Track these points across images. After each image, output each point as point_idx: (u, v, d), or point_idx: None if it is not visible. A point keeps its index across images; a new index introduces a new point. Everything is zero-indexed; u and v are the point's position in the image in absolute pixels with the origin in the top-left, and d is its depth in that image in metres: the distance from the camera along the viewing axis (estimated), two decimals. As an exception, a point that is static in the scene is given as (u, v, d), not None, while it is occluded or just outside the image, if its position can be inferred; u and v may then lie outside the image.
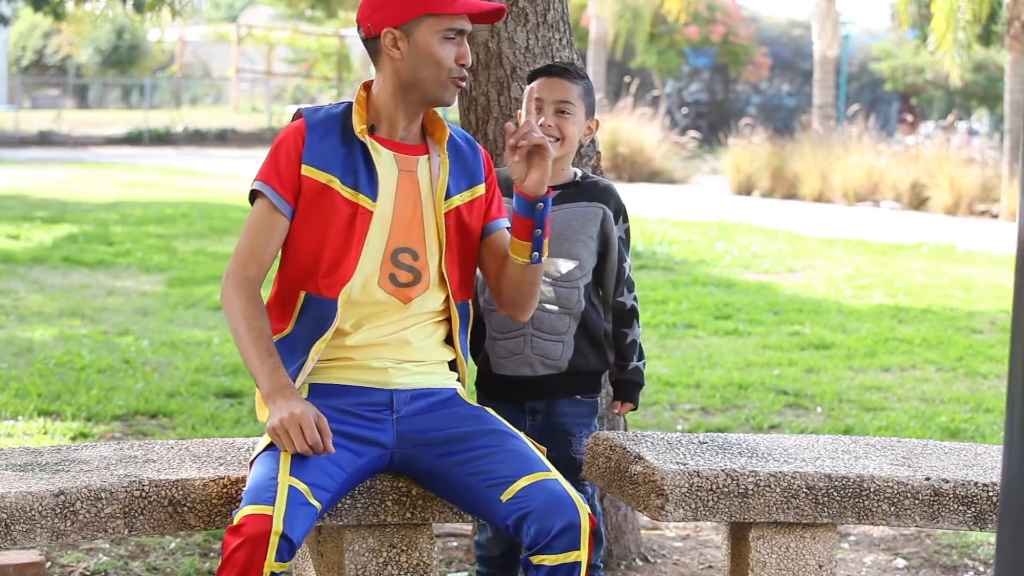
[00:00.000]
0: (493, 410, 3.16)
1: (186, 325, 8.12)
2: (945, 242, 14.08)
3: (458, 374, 3.14)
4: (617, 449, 3.28)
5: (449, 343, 3.12)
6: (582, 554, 2.81)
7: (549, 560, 2.80)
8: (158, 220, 13.96)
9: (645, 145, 22.80)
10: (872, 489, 3.21)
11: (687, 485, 3.11)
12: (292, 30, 41.52)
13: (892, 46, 33.61)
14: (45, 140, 30.18)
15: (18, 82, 40.20)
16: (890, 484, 3.21)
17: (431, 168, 3.08)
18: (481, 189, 3.14)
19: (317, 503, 2.79)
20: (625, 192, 3.72)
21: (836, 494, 3.19)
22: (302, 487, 2.77)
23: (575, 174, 3.58)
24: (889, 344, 8.16)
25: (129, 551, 4.26)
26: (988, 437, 5.97)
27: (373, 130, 3.06)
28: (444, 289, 3.08)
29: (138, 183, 18.93)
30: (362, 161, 3.02)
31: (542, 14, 4.12)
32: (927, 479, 3.23)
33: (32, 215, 13.88)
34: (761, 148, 21.49)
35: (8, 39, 44.19)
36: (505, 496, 2.86)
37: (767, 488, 3.15)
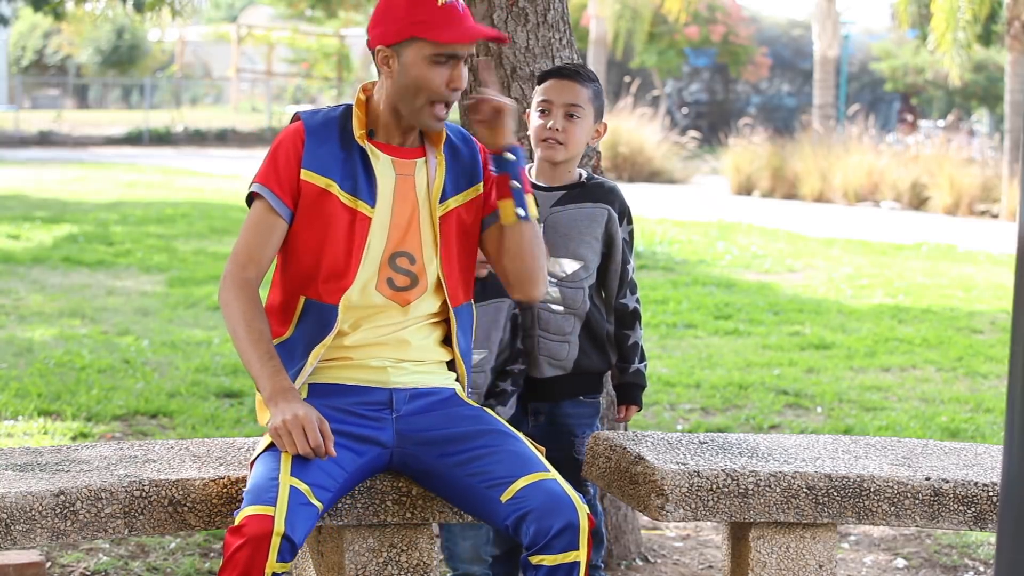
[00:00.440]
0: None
1: (186, 325, 8.13)
2: (945, 242, 14.08)
3: (457, 374, 3.14)
4: (617, 449, 3.28)
5: (447, 344, 3.12)
6: (581, 554, 2.81)
7: (548, 560, 2.80)
8: (158, 220, 13.96)
9: (645, 145, 22.79)
10: (872, 489, 3.21)
11: (687, 485, 3.11)
12: (292, 30, 41.51)
13: (892, 46, 33.58)
14: (45, 140, 30.16)
15: (18, 82, 40.17)
16: (890, 484, 3.21)
17: (428, 171, 3.07)
18: (481, 187, 3.14)
19: (318, 503, 2.79)
20: (625, 192, 3.72)
21: (836, 494, 3.19)
22: (303, 487, 2.77)
23: (580, 175, 3.57)
24: (889, 344, 8.16)
25: (129, 551, 4.26)
26: (988, 437, 5.97)
27: (372, 135, 3.06)
28: (442, 293, 3.08)
29: (138, 183, 18.93)
30: (361, 166, 3.02)
31: (542, 14, 4.12)
32: (927, 479, 3.23)
33: (32, 215, 13.88)
34: (761, 148, 21.48)
35: (8, 39, 44.18)
36: (504, 496, 2.86)
37: (767, 488, 3.15)
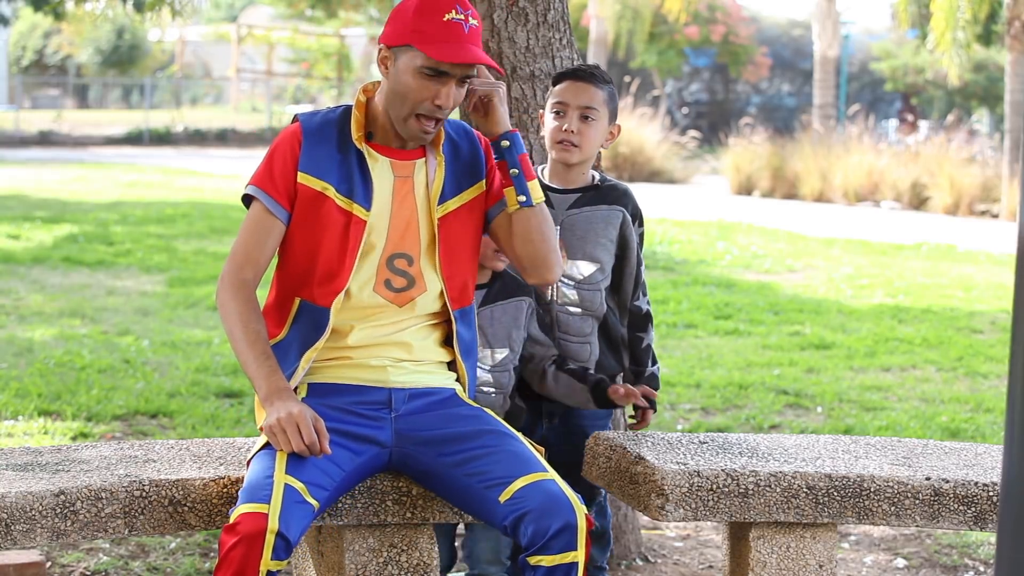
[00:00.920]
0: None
1: (186, 325, 8.13)
2: (945, 242, 14.08)
3: (457, 375, 3.14)
4: (617, 449, 3.28)
5: (448, 344, 3.12)
6: (579, 554, 2.81)
7: (546, 560, 2.80)
8: (158, 220, 13.96)
9: (645, 145, 22.79)
10: (872, 489, 3.21)
11: (687, 485, 3.11)
12: (292, 30, 41.51)
13: (892, 46, 33.59)
14: (45, 140, 30.16)
15: (18, 82, 40.18)
16: (890, 484, 3.21)
17: (427, 172, 3.07)
18: (483, 184, 3.13)
19: (314, 501, 2.79)
20: (628, 192, 3.72)
21: (836, 494, 3.19)
22: (298, 485, 2.77)
23: (593, 177, 3.56)
24: (889, 344, 8.16)
25: (129, 551, 4.26)
26: (988, 437, 5.97)
27: (370, 137, 3.06)
28: (441, 295, 3.07)
29: (138, 183, 18.93)
30: (357, 169, 3.02)
31: (542, 14, 4.13)
32: (927, 479, 3.23)
33: (32, 215, 13.88)
34: (761, 148, 21.48)
35: (8, 39, 44.18)
36: (503, 496, 2.86)
37: (767, 488, 3.15)
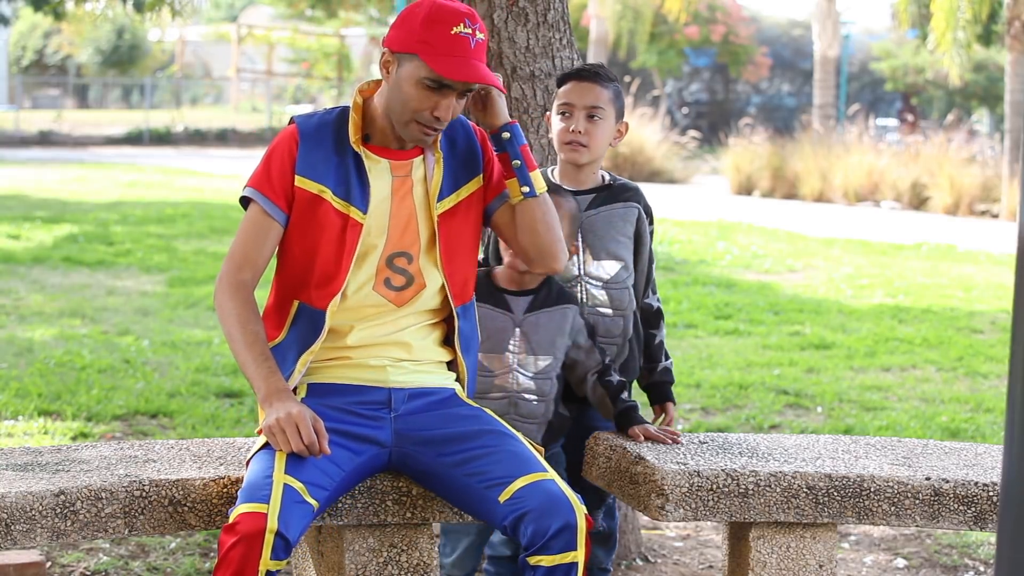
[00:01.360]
0: None
1: (186, 325, 8.13)
2: (945, 242, 14.09)
3: (457, 374, 3.14)
4: (617, 449, 3.28)
5: (448, 344, 3.12)
6: (579, 554, 2.81)
7: (546, 560, 2.80)
8: (158, 220, 13.96)
9: (645, 145, 22.79)
10: (872, 489, 3.21)
11: (687, 485, 3.11)
12: (292, 30, 41.53)
13: (892, 46, 33.62)
14: (45, 140, 30.17)
15: (18, 82, 40.19)
16: (890, 484, 3.21)
17: (425, 169, 3.06)
18: (481, 179, 3.12)
19: (314, 501, 2.79)
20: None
21: (836, 494, 3.19)
22: (297, 485, 2.77)
23: (603, 177, 3.56)
24: (889, 344, 8.16)
25: (129, 551, 4.26)
26: (988, 437, 5.97)
27: (368, 139, 3.06)
28: (442, 291, 3.08)
29: (138, 183, 18.93)
30: (354, 171, 3.01)
31: (542, 14, 4.12)
32: (927, 479, 3.23)
33: (32, 215, 13.88)
34: (761, 148, 21.49)
35: (8, 39, 44.20)
36: (503, 497, 2.85)
37: (767, 488, 3.15)
